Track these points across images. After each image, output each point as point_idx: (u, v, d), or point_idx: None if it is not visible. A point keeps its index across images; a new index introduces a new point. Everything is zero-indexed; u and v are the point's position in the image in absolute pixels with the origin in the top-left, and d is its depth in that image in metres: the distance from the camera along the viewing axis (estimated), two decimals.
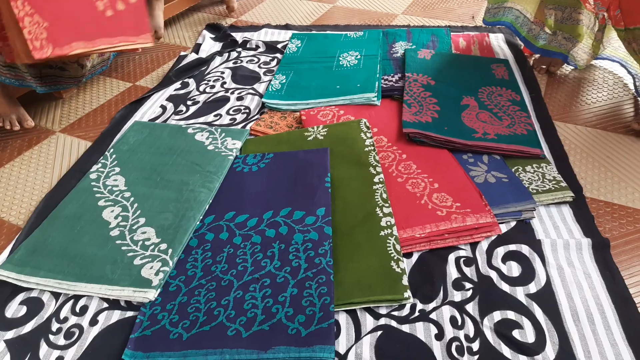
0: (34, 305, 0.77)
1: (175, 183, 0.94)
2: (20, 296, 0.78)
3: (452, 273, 0.78)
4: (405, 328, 0.71)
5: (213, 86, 1.31)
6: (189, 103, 1.25)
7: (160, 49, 1.58)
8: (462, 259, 0.80)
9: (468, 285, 0.76)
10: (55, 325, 0.74)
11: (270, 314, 0.70)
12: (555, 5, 1.24)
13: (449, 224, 0.82)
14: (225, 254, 0.80)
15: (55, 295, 0.78)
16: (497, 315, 0.72)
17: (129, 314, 0.75)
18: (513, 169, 0.95)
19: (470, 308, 0.73)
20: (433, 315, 0.72)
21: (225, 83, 1.33)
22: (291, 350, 0.65)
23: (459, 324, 0.71)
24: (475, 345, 0.68)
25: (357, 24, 1.68)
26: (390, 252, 0.77)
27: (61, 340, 0.72)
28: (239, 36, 1.56)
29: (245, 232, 0.83)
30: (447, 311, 0.73)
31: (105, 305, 0.76)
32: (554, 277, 0.76)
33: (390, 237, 0.79)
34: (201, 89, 1.31)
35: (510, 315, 0.72)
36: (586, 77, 1.32)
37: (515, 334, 0.69)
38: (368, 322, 0.72)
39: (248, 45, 1.50)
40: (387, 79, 1.25)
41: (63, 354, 0.70)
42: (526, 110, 1.10)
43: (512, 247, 0.81)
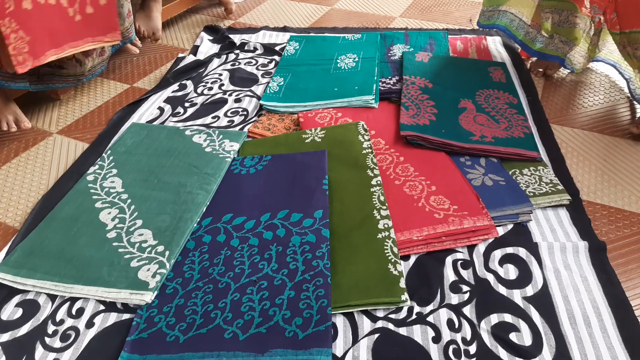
0: (30, 308, 0.76)
1: (173, 185, 0.93)
2: (16, 298, 0.78)
3: (450, 276, 0.78)
4: (403, 331, 0.71)
5: (211, 88, 1.31)
6: (187, 105, 1.25)
7: (158, 50, 1.58)
8: (460, 262, 0.80)
9: (465, 288, 0.76)
10: (51, 328, 0.73)
11: (267, 316, 0.70)
12: (552, 8, 1.25)
13: (446, 226, 0.82)
14: (222, 257, 0.80)
15: (52, 297, 0.78)
16: (494, 318, 0.72)
17: (126, 316, 0.75)
18: (510, 172, 0.95)
19: (468, 311, 0.73)
20: (430, 318, 0.72)
21: (223, 85, 1.32)
22: (288, 353, 0.65)
23: (456, 326, 0.71)
24: (473, 348, 0.68)
25: (355, 26, 1.68)
26: (387, 255, 0.77)
27: (57, 343, 0.71)
28: (237, 38, 1.56)
29: (243, 235, 0.83)
30: (445, 314, 0.73)
31: (102, 307, 0.76)
32: (551, 280, 0.76)
33: (387, 240, 0.79)
34: (199, 90, 1.31)
35: (507, 318, 0.72)
36: (583, 81, 1.33)
37: (512, 336, 0.69)
38: (365, 325, 0.72)
39: (246, 48, 1.50)
40: (385, 82, 1.25)
41: (59, 356, 0.70)
42: (523, 113, 1.11)
43: (509, 250, 0.82)
